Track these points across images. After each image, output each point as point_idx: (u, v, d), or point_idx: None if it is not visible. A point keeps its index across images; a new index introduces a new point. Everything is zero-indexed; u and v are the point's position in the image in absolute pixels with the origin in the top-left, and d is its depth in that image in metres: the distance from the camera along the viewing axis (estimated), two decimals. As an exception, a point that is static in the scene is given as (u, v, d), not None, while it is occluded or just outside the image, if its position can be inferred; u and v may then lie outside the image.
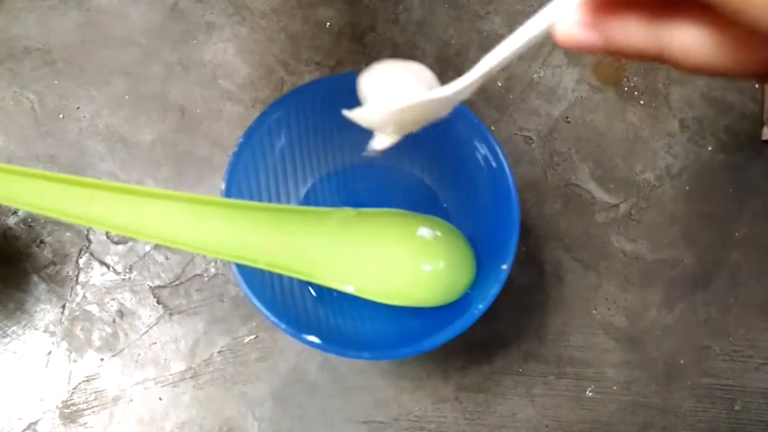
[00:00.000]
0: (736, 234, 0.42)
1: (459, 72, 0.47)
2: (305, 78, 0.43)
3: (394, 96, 0.24)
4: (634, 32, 0.16)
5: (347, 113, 0.25)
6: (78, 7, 0.44)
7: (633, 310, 0.40)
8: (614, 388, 0.39)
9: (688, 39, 0.16)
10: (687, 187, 0.42)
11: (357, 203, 0.35)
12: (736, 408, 0.39)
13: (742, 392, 0.39)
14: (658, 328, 0.40)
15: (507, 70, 0.44)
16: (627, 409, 0.39)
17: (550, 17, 0.18)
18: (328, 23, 0.44)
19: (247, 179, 0.33)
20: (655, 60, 0.17)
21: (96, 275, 0.39)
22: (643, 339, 0.40)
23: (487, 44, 0.44)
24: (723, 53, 0.15)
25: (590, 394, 0.39)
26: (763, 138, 0.43)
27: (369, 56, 0.44)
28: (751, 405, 0.39)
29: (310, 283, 0.34)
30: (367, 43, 0.44)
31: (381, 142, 0.27)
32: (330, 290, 0.33)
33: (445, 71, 0.44)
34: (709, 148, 0.43)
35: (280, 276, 0.32)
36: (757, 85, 0.44)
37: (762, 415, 0.39)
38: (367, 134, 0.38)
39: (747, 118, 0.44)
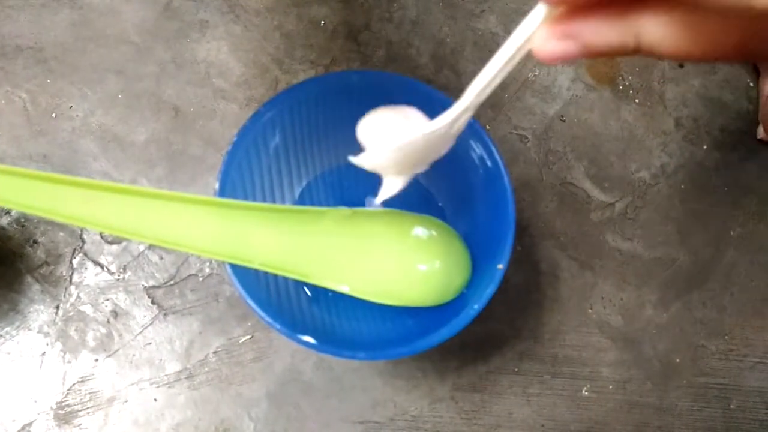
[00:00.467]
0: (732, 233, 0.42)
1: (454, 70, 0.47)
2: (300, 76, 0.43)
3: (389, 137, 0.24)
4: (606, 32, 0.17)
5: (353, 159, 0.26)
6: (71, 5, 0.44)
7: (628, 309, 0.40)
8: (610, 387, 0.39)
9: (658, 28, 0.16)
10: (682, 186, 0.42)
11: (352, 202, 0.35)
12: (732, 407, 0.39)
13: (737, 391, 0.39)
14: (654, 327, 0.40)
15: (502, 68, 0.44)
16: (623, 408, 0.39)
17: (524, 38, 0.18)
18: (323, 21, 0.44)
19: (241, 178, 0.33)
20: (634, 53, 0.17)
21: (90, 275, 0.39)
22: (638, 338, 0.40)
23: (482, 42, 0.44)
24: (693, 37, 0.16)
25: (586, 393, 0.39)
26: (758, 136, 0.43)
27: (363, 55, 0.44)
28: (746, 404, 0.39)
29: (306, 283, 0.34)
30: (361, 42, 0.44)
31: (390, 187, 0.28)
32: (325, 290, 0.33)
33: (440, 70, 0.44)
34: (704, 147, 0.43)
35: (275, 276, 0.32)
36: (751, 84, 0.44)
37: (757, 413, 0.39)
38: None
39: (742, 117, 0.44)
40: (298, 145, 0.36)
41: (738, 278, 0.41)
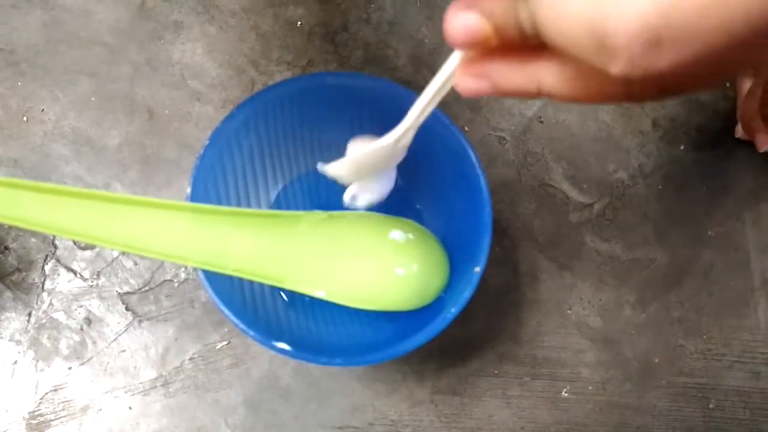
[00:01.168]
0: (709, 233, 0.42)
1: (432, 71, 0.46)
2: (276, 78, 0.42)
3: (350, 152, 0.30)
4: (512, 76, 0.19)
5: (320, 168, 0.30)
6: (42, 6, 0.43)
7: (607, 309, 0.40)
8: (589, 388, 0.39)
9: (551, 76, 0.18)
10: (660, 186, 0.42)
11: (329, 206, 0.35)
12: (711, 406, 0.39)
13: (716, 390, 0.39)
14: (633, 327, 0.40)
15: (480, 69, 0.43)
16: (602, 409, 0.39)
17: (447, 74, 0.22)
18: (299, 22, 0.44)
19: (214, 182, 0.32)
20: (536, 96, 0.19)
21: (63, 282, 0.38)
22: (617, 338, 0.40)
23: (461, 44, 0.44)
24: (583, 85, 0.18)
25: (566, 394, 0.39)
26: (737, 135, 0.43)
27: (341, 56, 0.43)
28: (725, 403, 0.39)
29: (282, 289, 0.34)
30: (338, 43, 0.44)
31: (351, 191, 0.32)
32: (302, 295, 0.32)
33: (419, 70, 0.43)
34: (682, 147, 0.43)
35: (251, 281, 0.32)
36: (728, 84, 0.45)
37: (736, 412, 0.39)
38: (337, 136, 0.37)
39: (719, 117, 0.44)
40: (273, 148, 0.36)
41: (716, 278, 0.41)
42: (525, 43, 0.18)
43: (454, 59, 0.21)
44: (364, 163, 0.29)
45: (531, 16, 0.16)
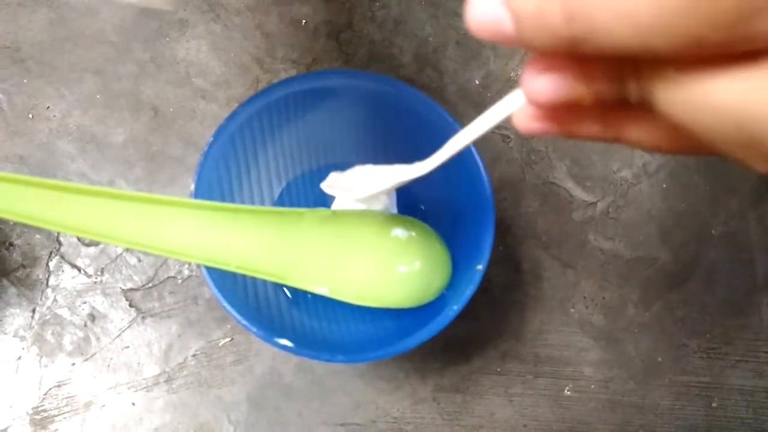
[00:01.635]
0: (713, 232, 0.42)
1: (436, 69, 0.46)
2: (281, 76, 0.43)
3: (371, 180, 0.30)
4: (589, 128, 0.17)
5: (324, 187, 0.31)
6: (48, 5, 0.43)
7: (611, 308, 0.40)
8: (592, 386, 0.39)
9: (640, 133, 0.17)
10: (664, 185, 0.42)
11: (332, 203, 0.35)
12: (714, 405, 0.39)
13: (719, 389, 0.39)
14: (636, 326, 0.40)
15: (485, 68, 0.44)
16: (605, 407, 0.39)
17: (505, 113, 0.19)
18: (304, 21, 0.44)
19: (218, 179, 0.32)
20: (610, 143, 0.18)
21: (67, 278, 0.38)
22: (620, 337, 0.40)
23: (465, 42, 0.44)
24: (669, 139, 0.16)
25: (568, 392, 0.39)
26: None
27: (345, 54, 0.43)
28: (728, 402, 0.39)
29: (285, 285, 0.34)
30: (343, 41, 0.44)
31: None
32: (305, 292, 0.32)
33: (423, 69, 0.43)
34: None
35: (254, 278, 0.32)
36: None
37: (738, 411, 0.39)
38: (341, 135, 0.38)
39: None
40: (277, 146, 0.36)
41: (719, 277, 0.41)
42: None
43: (516, 101, 0.18)
44: (389, 191, 0.29)
45: (644, 94, 0.15)
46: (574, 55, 0.15)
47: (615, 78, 0.15)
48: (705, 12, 0.11)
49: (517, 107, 0.18)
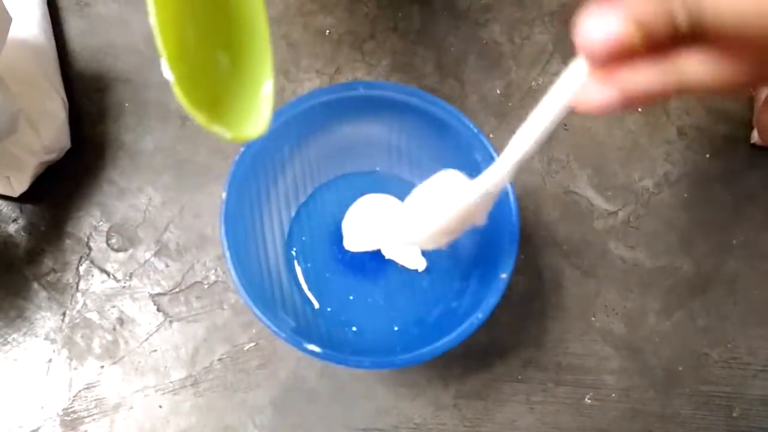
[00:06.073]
0: (734, 241, 0.42)
1: (458, 79, 0.47)
2: (305, 85, 0.43)
3: (425, 216, 0.26)
4: (645, 77, 0.17)
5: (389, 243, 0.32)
6: (79, 15, 0.44)
7: (632, 317, 0.40)
8: (613, 395, 0.39)
9: (698, 67, 0.17)
10: (685, 195, 0.42)
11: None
12: (735, 415, 0.39)
13: (740, 399, 0.39)
14: (657, 335, 0.40)
15: (506, 77, 0.44)
16: (626, 416, 0.39)
17: (568, 92, 0.19)
18: (328, 31, 0.45)
19: (248, 188, 0.33)
20: (672, 95, 0.18)
21: (96, 283, 0.39)
22: (641, 346, 0.40)
23: (486, 52, 0.45)
24: (731, 71, 0.16)
25: (589, 401, 0.39)
26: (752, 141, 0.43)
27: (368, 64, 0.44)
28: (749, 412, 0.39)
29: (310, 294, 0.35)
30: (366, 51, 0.44)
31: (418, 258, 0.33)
32: (330, 302, 0.33)
33: (445, 79, 0.44)
34: (707, 156, 0.43)
35: (281, 285, 0.33)
36: (752, 91, 0.45)
37: (761, 422, 0.39)
38: (366, 143, 0.38)
39: (745, 126, 0.44)
40: (303, 154, 0.36)
41: (741, 286, 0.41)
42: (665, 42, 0.16)
43: (576, 73, 0.18)
44: (450, 226, 0.25)
45: (693, 7, 0.15)
46: None
47: (663, 6, 0.15)
48: None
49: (578, 84, 0.18)
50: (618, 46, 0.16)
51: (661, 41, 0.16)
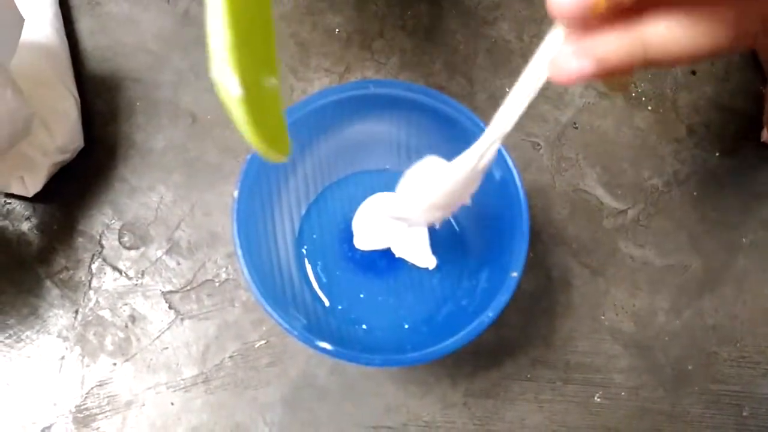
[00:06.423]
0: (744, 240, 0.42)
1: (467, 77, 0.47)
2: (314, 84, 0.43)
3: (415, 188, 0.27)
4: (615, 42, 0.18)
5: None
6: (90, 14, 0.44)
7: (641, 315, 0.40)
8: (622, 393, 0.39)
9: (660, 31, 0.17)
10: (695, 193, 0.42)
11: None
12: (744, 414, 0.39)
13: (750, 398, 0.39)
14: (666, 333, 0.40)
15: (515, 76, 0.44)
16: (635, 414, 0.39)
17: (544, 61, 0.20)
18: (337, 30, 0.45)
19: (259, 187, 0.33)
20: (645, 64, 0.18)
21: (108, 280, 0.40)
22: (651, 345, 0.40)
23: (495, 50, 0.45)
24: (691, 36, 0.17)
25: (598, 399, 0.39)
26: (762, 139, 0.43)
27: (377, 62, 0.44)
28: (759, 411, 0.39)
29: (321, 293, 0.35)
30: (375, 50, 0.44)
31: (417, 236, 0.33)
32: (340, 300, 0.33)
33: (453, 77, 0.44)
34: (717, 154, 0.43)
35: (292, 283, 0.33)
36: (763, 89, 0.44)
37: (770, 420, 0.39)
38: (375, 142, 0.38)
39: (754, 125, 0.44)
40: (314, 153, 0.36)
41: (750, 285, 0.41)
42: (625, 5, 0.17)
43: (552, 41, 0.19)
44: (437, 198, 0.26)
45: None
46: None
47: None
48: None
49: (552, 50, 0.19)
50: (584, 9, 0.17)
51: (626, 3, 0.17)
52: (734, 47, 0.18)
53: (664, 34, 0.17)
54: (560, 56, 0.19)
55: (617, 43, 0.18)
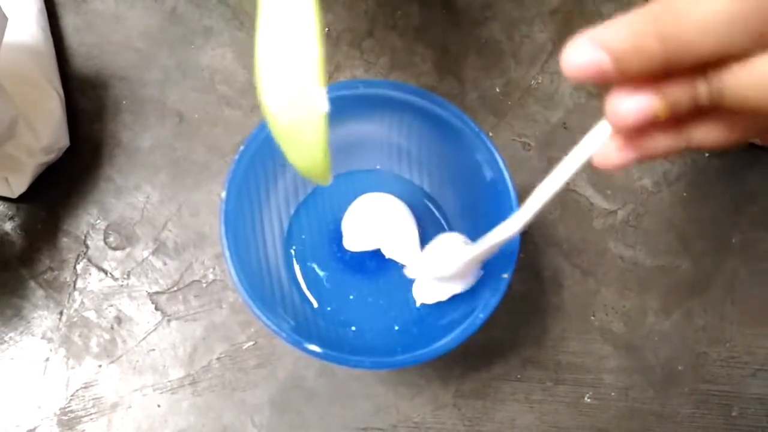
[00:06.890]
0: (733, 240, 0.42)
1: (457, 78, 0.47)
2: (304, 83, 0.43)
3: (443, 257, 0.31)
4: (662, 142, 0.20)
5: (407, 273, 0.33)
6: (75, 11, 0.44)
7: (631, 316, 0.40)
8: (612, 394, 0.39)
9: (705, 134, 0.19)
10: (684, 194, 0.42)
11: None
12: (734, 414, 0.39)
13: (739, 398, 0.39)
14: (656, 334, 0.40)
15: (505, 76, 0.44)
16: (625, 415, 0.39)
17: (588, 154, 0.21)
18: (327, 28, 0.44)
19: (247, 186, 0.33)
20: (677, 153, 0.21)
21: (94, 281, 0.39)
22: (640, 345, 0.40)
23: (486, 50, 0.44)
24: (734, 133, 0.19)
25: (588, 400, 0.39)
26: (751, 140, 0.43)
27: (367, 62, 0.44)
28: (748, 411, 0.39)
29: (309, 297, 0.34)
30: (365, 49, 0.44)
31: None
32: (329, 302, 0.33)
33: (444, 77, 0.44)
34: (706, 155, 0.43)
35: (280, 284, 0.32)
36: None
37: (759, 420, 0.39)
38: (366, 141, 0.38)
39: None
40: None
41: (739, 286, 0.41)
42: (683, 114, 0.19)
43: (600, 134, 0.20)
44: (465, 269, 0.30)
45: (713, 90, 0.17)
46: (651, 77, 0.18)
47: (687, 86, 0.18)
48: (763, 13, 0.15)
49: (598, 145, 0.20)
50: (646, 120, 0.18)
51: (681, 114, 0.19)
52: (756, 137, 0.20)
53: (707, 134, 0.19)
54: (608, 150, 0.20)
55: (665, 142, 0.20)
